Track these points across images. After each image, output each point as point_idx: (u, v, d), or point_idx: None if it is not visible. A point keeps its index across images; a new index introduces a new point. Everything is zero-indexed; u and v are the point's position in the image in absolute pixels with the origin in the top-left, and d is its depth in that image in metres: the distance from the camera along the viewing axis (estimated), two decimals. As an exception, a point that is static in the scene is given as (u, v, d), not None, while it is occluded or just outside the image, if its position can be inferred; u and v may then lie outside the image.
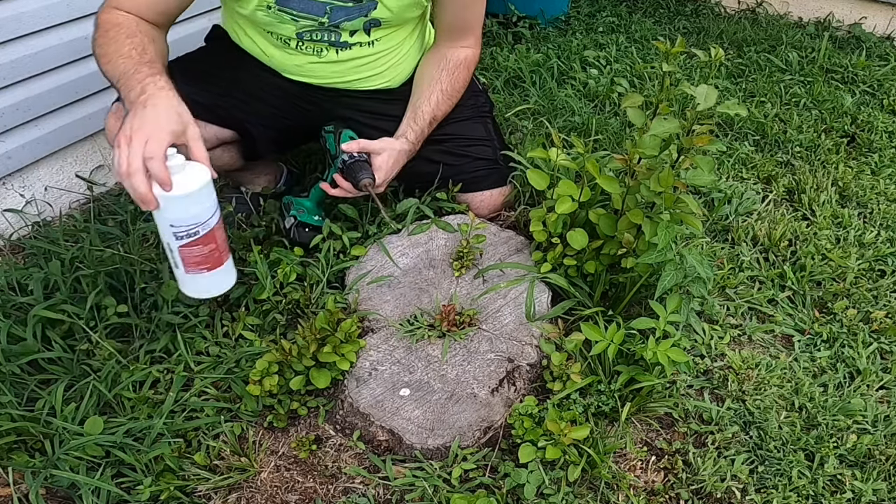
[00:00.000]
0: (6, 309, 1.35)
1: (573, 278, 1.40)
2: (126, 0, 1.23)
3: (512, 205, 1.68)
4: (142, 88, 1.09)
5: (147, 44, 1.19)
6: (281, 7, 1.32)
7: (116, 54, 1.16)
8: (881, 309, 1.53)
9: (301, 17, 1.34)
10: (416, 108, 1.50)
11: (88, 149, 1.84)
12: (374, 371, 1.24)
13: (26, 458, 1.12)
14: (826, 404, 1.30)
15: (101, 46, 1.20)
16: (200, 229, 1.08)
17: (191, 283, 1.17)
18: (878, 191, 1.91)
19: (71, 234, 1.62)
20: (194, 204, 1.07)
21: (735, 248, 1.67)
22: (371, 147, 1.41)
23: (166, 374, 1.27)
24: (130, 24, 1.22)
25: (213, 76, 1.48)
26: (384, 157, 1.41)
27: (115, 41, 1.19)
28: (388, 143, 1.43)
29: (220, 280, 1.19)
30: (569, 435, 1.12)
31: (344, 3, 1.32)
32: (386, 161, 1.41)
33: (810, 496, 1.17)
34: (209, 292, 1.19)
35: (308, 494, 1.15)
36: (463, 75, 1.53)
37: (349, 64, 1.47)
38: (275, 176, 1.75)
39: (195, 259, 1.12)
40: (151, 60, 1.16)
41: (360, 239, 1.51)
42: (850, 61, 2.58)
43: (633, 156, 1.22)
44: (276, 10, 1.33)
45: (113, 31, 1.20)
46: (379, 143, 1.42)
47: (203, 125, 1.40)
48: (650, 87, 2.34)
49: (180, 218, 1.06)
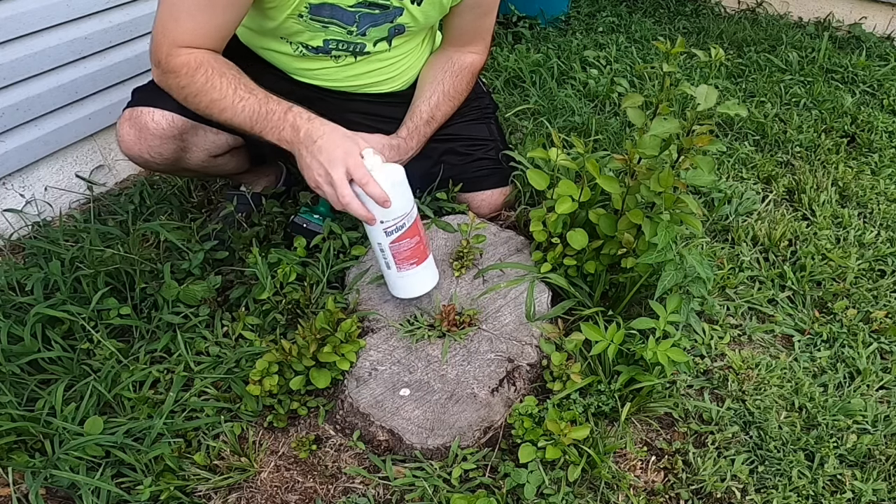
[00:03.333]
0: (6, 309, 1.35)
1: (573, 278, 1.40)
2: (188, 37, 1.19)
3: (512, 205, 1.68)
4: (293, 126, 1.19)
5: (241, 77, 1.23)
6: (314, 16, 1.29)
7: (227, 101, 1.20)
8: (881, 309, 1.53)
9: (331, 24, 1.32)
10: (415, 106, 1.50)
11: (88, 149, 1.85)
12: (374, 371, 1.24)
13: (26, 458, 1.12)
14: (826, 404, 1.30)
15: (196, 96, 1.21)
16: (406, 221, 1.16)
17: (400, 283, 1.26)
18: (878, 191, 1.91)
19: (71, 234, 1.62)
20: (400, 196, 1.14)
21: (735, 248, 1.67)
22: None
23: (166, 374, 1.27)
24: (209, 61, 1.21)
25: None
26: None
27: (213, 88, 1.20)
28: (374, 137, 1.43)
29: (427, 276, 1.28)
30: (569, 435, 1.12)
31: (371, 11, 1.30)
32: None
33: (810, 496, 1.17)
34: (419, 290, 1.28)
35: (308, 494, 1.15)
36: (467, 79, 1.53)
37: (364, 69, 1.47)
38: (275, 176, 1.76)
39: (405, 254, 1.20)
40: (267, 94, 1.22)
41: (360, 239, 1.51)
42: (850, 61, 2.58)
43: (633, 156, 1.22)
44: (307, 19, 1.29)
45: (200, 75, 1.19)
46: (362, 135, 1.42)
47: (215, 132, 1.40)
48: (650, 87, 2.34)
49: (390, 212, 1.14)
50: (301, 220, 1.52)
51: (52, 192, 1.78)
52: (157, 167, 1.41)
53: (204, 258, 1.48)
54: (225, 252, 1.52)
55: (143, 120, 1.32)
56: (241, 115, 1.21)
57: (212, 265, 1.51)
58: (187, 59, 1.19)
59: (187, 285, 1.40)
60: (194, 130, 1.37)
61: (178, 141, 1.36)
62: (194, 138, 1.39)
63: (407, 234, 1.18)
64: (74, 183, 1.83)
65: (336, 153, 1.14)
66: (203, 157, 1.43)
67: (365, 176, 1.12)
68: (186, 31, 1.18)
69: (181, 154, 1.39)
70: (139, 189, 1.82)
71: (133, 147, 1.35)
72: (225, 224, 1.59)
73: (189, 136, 1.37)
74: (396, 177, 1.15)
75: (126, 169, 1.97)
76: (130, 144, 1.34)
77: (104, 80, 1.78)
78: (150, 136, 1.33)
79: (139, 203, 1.76)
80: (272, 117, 1.21)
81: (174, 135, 1.34)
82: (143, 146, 1.34)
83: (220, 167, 1.51)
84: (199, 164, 1.45)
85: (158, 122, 1.32)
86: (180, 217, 1.71)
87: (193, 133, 1.37)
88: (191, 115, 1.34)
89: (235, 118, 1.22)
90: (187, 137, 1.37)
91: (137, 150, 1.35)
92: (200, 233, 1.59)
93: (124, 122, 1.34)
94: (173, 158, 1.38)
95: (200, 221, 1.65)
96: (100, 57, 1.75)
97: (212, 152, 1.44)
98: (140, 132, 1.33)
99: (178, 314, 1.36)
